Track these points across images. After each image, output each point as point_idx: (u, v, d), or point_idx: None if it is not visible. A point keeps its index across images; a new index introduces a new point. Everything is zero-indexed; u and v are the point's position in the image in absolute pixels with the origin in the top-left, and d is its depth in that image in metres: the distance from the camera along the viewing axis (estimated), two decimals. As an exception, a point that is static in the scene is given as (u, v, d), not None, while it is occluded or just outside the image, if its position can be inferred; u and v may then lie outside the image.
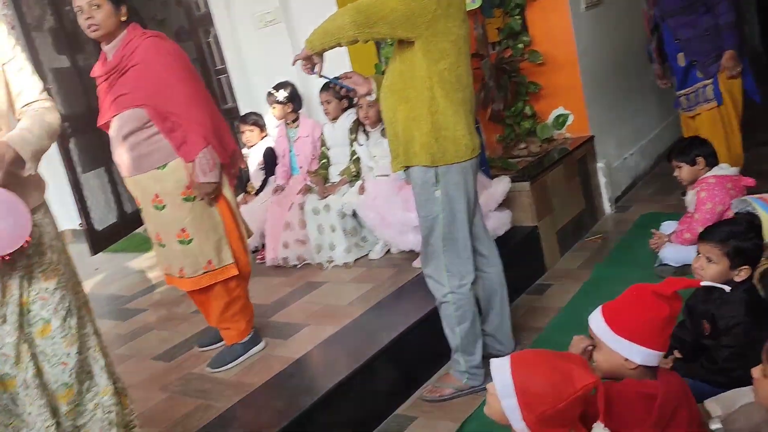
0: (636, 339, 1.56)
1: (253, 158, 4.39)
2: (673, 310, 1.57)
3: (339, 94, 3.74)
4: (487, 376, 2.47)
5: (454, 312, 2.43)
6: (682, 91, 3.73)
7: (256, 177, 4.33)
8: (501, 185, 3.29)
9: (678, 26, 3.57)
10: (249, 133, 4.32)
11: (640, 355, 1.56)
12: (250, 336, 2.77)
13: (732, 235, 2.02)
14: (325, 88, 3.78)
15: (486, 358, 2.56)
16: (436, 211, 2.34)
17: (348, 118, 3.80)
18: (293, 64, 2.41)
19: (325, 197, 3.70)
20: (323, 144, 3.96)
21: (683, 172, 3.15)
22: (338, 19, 2.12)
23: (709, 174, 3.05)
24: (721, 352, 1.98)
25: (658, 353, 1.58)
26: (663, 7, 3.60)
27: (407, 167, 2.36)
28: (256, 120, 4.30)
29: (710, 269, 2.04)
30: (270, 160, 4.22)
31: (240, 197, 4.29)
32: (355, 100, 3.62)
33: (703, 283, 1.73)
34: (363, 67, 4.06)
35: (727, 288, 1.78)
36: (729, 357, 1.95)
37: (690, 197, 3.15)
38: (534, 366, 1.38)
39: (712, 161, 3.09)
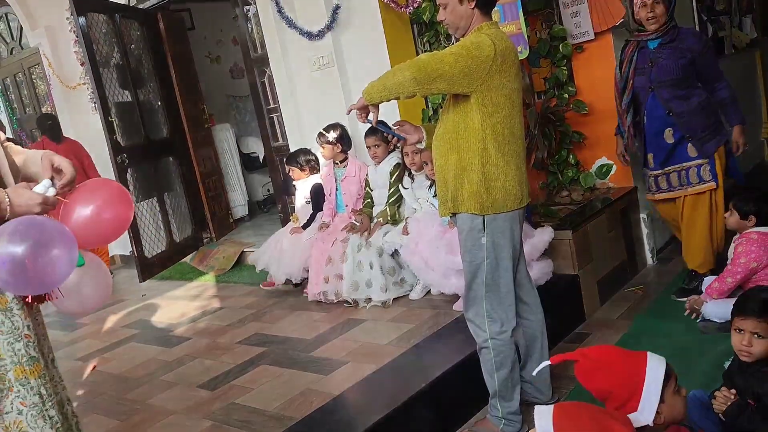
0: None
1: (300, 192, 4.53)
2: None
3: (386, 138, 3.86)
4: (524, 424, 2.50)
5: (493, 358, 2.47)
6: (663, 170, 3.37)
7: (301, 211, 4.45)
8: (544, 235, 3.34)
9: (672, 98, 3.23)
10: (293, 172, 4.48)
11: None
12: None
13: None
14: (372, 132, 3.91)
15: (523, 405, 2.59)
16: (480, 257, 2.40)
17: (389, 161, 3.91)
18: (348, 113, 2.53)
19: (365, 235, 3.79)
20: (367, 185, 4.08)
21: (732, 219, 3.12)
22: (398, 75, 2.22)
23: (753, 230, 3.02)
24: None
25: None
26: (657, 76, 3.23)
27: (454, 213, 2.44)
28: (298, 160, 4.44)
29: (759, 345, 1.97)
30: (317, 195, 4.35)
31: (287, 227, 4.43)
32: (399, 146, 3.73)
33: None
34: (410, 111, 4.19)
35: None
36: None
37: (731, 249, 3.15)
38: (576, 418, 1.43)
39: (764, 222, 3.03)
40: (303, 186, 4.49)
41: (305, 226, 4.26)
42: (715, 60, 3.32)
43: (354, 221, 4.02)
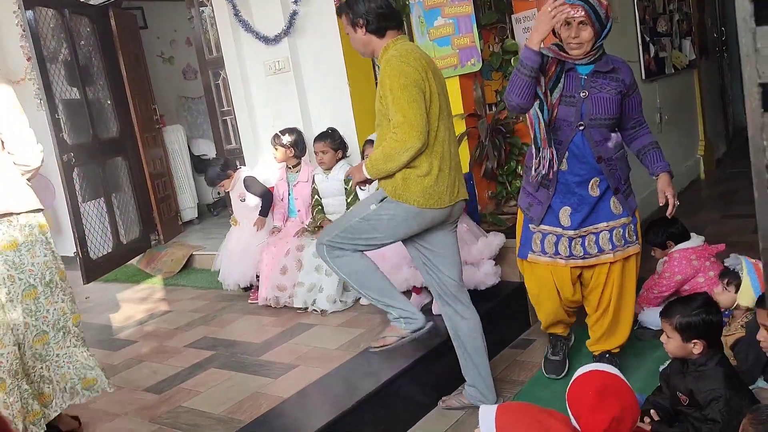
0: None
1: (234, 194, 4.37)
2: None
3: (336, 145, 3.89)
4: (429, 321, 2.63)
5: (352, 283, 2.59)
6: (578, 231, 2.60)
7: (238, 211, 4.33)
8: (497, 239, 3.46)
9: (602, 140, 2.54)
10: (224, 185, 4.38)
11: None
12: None
13: (678, 311, 2.17)
14: (321, 138, 3.92)
15: (470, 408, 2.66)
16: (357, 214, 2.51)
17: (341, 169, 3.92)
18: (346, 176, 2.60)
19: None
20: (316, 192, 4.09)
21: (657, 253, 3.37)
22: (402, 155, 2.32)
23: (674, 249, 3.23)
24: (706, 426, 2.04)
25: None
26: (591, 111, 2.50)
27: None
28: (220, 174, 4.29)
29: (669, 344, 2.20)
30: (251, 184, 4.22)
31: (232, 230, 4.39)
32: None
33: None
34: (362, 110, 4.25)
35: None
36: None
37: (659, 266, 3.37)
38: (517, 415, 1.50)
39: (682, 239, 3.24)
40: (234, 189, 4.36)
41: (263, 213, 4.19)
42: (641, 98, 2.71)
43: (306, 226, 4.03)
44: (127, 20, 5.89)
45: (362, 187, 2.61)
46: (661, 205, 2.63)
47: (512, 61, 4.11)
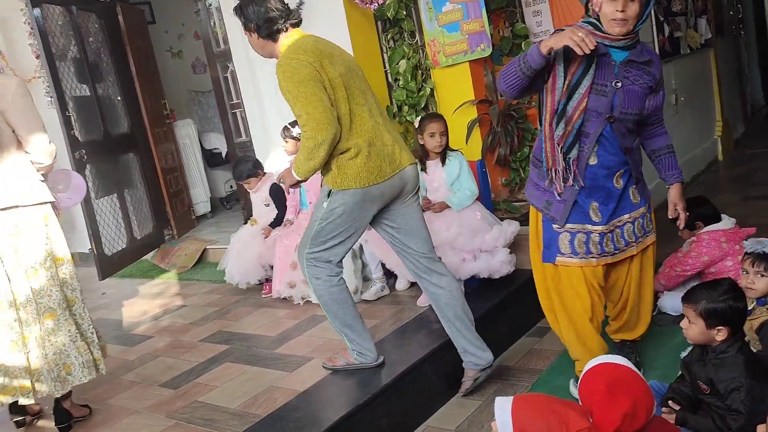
0: None
1: (258, 198, 4.43)
2: None
3: None
4: (380, 357, 2.74)
5: (322, 305, 2.69)
6: (607, 225, 2.41)
7: (267, 215, 4.38)
8: (512, 226, 3.43)
9: (626, 132, 2.37)
10: (249, 183, 4.41)
11: None
12: None
13: (704, 296, 2.09)
14: None
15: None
16: (317, 216, 2.56)
17: None
18: (278, 180, 2.69)
19: None
20: None
21: (685, 233, 3.24)
22: (317, 154, 2.37)
23: (704, 230, 3.15)
24: (730, 416, 1.99)
25: None
26: (624, 104, 2.29)
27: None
28: (249, 173, 4.36)
29: (691, 329, 2.12)
30: (279, 194, 4.29)
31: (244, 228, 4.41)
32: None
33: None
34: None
35: None
36: (744, 426, 1.95)
37: (686, 245, 3.28)
38: (533, 406, 1.47)
39: (712, 221, 3.15)
40: (258, 192, 4.40)
41: (274, 225, 4.22)
42: (665, 95, 2.55)
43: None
44: (135, 16, 5.88)
45: (291, 189, 2.71)
46: (671, 217, 2.56)
47: (522, 45, 4.04)
